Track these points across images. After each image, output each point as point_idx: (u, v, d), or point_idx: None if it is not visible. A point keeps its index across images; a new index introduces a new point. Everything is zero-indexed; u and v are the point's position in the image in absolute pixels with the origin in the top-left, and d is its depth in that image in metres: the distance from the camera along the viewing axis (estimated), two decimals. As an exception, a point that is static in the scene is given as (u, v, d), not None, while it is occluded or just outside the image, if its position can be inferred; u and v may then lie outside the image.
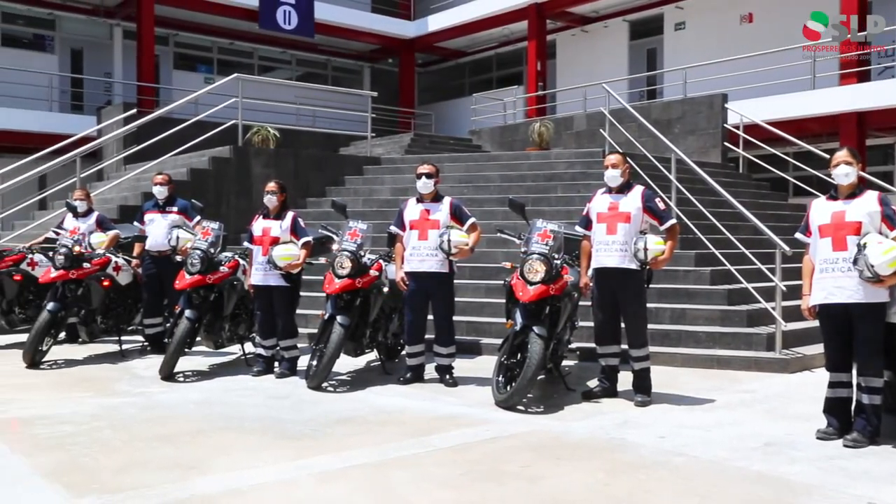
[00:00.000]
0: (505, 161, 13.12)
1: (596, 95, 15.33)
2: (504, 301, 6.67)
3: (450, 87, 25.82)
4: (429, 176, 6.68)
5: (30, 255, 8.73)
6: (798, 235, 5.35)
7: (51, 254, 7.83)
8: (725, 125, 13.79)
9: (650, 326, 6.70)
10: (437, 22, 23.15)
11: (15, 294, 8.59)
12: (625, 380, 6.22)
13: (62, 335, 8.17)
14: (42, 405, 5.86)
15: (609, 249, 5.99)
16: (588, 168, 11.73)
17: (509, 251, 9.07)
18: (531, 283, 5.88)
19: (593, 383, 6.38)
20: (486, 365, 7.21)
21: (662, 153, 10.90)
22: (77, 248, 7.63)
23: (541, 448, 4.81)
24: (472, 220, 6.69)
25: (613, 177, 6.09)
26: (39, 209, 13.87)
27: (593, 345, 6.43)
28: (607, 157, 6.21)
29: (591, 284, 6.17)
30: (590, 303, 6.43)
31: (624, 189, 6.11)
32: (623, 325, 6.17)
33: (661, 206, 6.13)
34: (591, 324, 6.49)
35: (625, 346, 6.17)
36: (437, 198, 6.76)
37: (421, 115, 25.00)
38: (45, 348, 7.47)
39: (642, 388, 6.03)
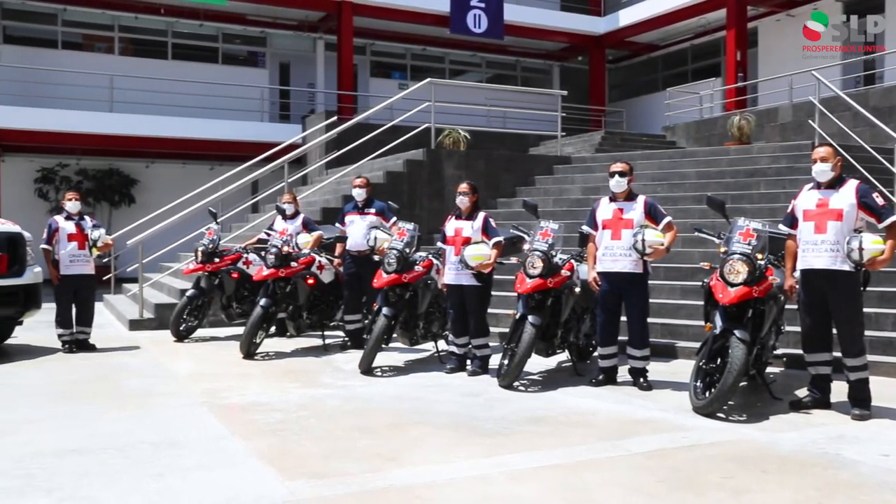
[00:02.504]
0: (702, 157, 12.55)
1: (803, 84, 14.29)
2: (702, 303, 6.36)
3: (642, 82, 25.08)
4: (622, 174, 6.52)
5: (245, 255, 9.46)
6: None
7: (263, 253, 8.45)
8: (960, 110, 12.37)
9: (869, 333, 6.14)
10: (628, 16, 22.55)
11: (233, 290, 9.35)
12: (838, 390, 5.73)
13: (272, 329, 8.78)
14: (256, 393, 6.34)
15: (818, 249, 5.54)
16: (795, 162, 10.96)
17: (707, 251, 8.68)
18: (732, 285, 5.57)
19: (802, 393, 5.93)
20: (681, 369, 6.95)
21: (883, 143, 9.96)
22: (285, 248, 8.16)
23: (744, 459, 4.53)
24: (667, 218, 6.46)
25: (822, 171, 5.63)
26: (252, 212, 15.03)
27: (801, 351, 5.98)
28: (815, 150, 5.75)
29: (796, 287, 5.75)
30: (796, 306, 5.99)
31: (835, 184, 5.63)
32: (835, 331, 5.69)
33: (880, 201, 5.57)
34: (799, 329, 6.05)
35: (837, 354, 5.69)
36: (630, 196, 6.58)
37: (612, 112, 24.49)
38: (258, 341, 8.07)
39: (860, 401, 5.52)
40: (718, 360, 5.61)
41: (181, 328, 9.24)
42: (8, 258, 8.07)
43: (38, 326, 9.56)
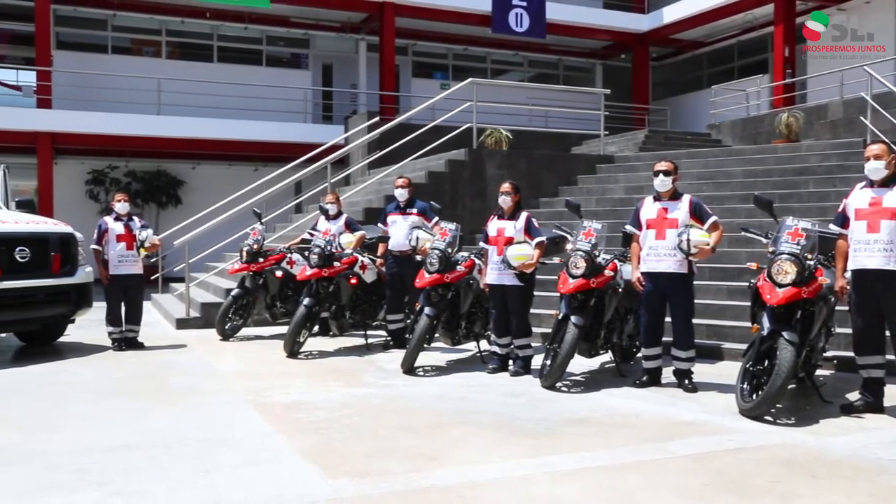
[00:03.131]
0: (748, 155, 12.35)
1: (855, 79, 13.95)
2: (749, 304, 6.25)
3: (686, 80, 24.74)
4: (666, 173, 6.43)
5: (289, 255, 9.55)
6: None
7: (306, 253, 8.53)
8: None
9: (924, 335, 5.95)
10: (672, 13, 22.26)
11: (277, 290, 9.46)
12: (892, 394, 5.59)
13: (316, 328, 8.85)
14: (300, 392, 6.41)
15: (870, 249, 5.41)
16: (845, 160, 10.72)
17: (753, 251, 8.54)
18: (780, 286, 5.46)
19: (854, 396, 5.79)
20: (727, 371, 6.84)
21: (937, 140, 9.67)
22: (329, 248, 8.22)
23: (793, 463, 4.44)
24: (713, 218, 6.36)
25: (876, 169, 5.50)
26: (296, 212, 15.18)
27: (852, 354, 5.84)
28: (868, 147, 5.63)
29: (847, 288, 5.62)
30: (847, 307, 5.85)
31: (889, 182, 5.49)
32: (888, 333, 5.54)
33: (937, 200, 5.42)
34: (850, 330, 5.91)
35: (890, 357, 5.55)
36: (675, 196, 6.49)
37: (655, 110, 24.22)
38: (301, 340, 8.14)
39: (914, 405, 5.38)
40: (766, 363, 5.51)
41: (226, 327, 9.37)
42: (60, 258, 8.28)
43: (89, 325, 9.79)
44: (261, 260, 9.33)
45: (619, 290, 6.82)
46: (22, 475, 4.19)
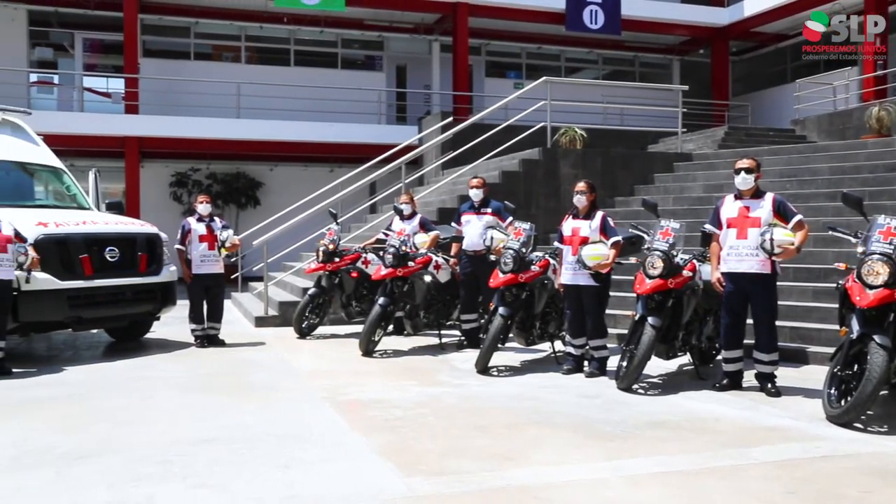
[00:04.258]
0: (835, 151, 11.89)
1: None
2: (836, 306, 6.01)
3: (768, 74, 23.97)
4: (748, 171, 6.24)
5: (364, 255, 9.66)
6: None
7: (381, 253, 8.61)
8: None
9: None
10: (753, 5, 21.58)
11: (352, 289, 9.58)
12: None
13: (390, 327, 8.93)
14: (375, 390, 6.47)
15: (974, 249, 5.13)
16: (941, 155, 10.21)
17: (841, 251, 8.22)
18: (871, 287, 5.23)
19: (951, 403, 5.51)
20: (813, 375, 6.61)
21: None
22: (403, 248, 8.28)
23: (886, 473, 4.25)
24: (798, 216, 6.13)
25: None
26: (370, 213, 15.35)
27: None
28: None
29: (949, 290, 5.33)
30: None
31: None
32: None
33: None
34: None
35: None
36: (757, 194, 6.29)
37: (735, 106, 23.55)
38: (376, 339, 8.23)
39: None
40: (855, 367, 5.29)
41: (303, 325, 9.55)
42: (147, 258, 8.58)
43: (173, 322, 10.12)
44: (336, 260, 9.45)
45: (698, 290, 6.66)
46: (111, 465, 4.36)
